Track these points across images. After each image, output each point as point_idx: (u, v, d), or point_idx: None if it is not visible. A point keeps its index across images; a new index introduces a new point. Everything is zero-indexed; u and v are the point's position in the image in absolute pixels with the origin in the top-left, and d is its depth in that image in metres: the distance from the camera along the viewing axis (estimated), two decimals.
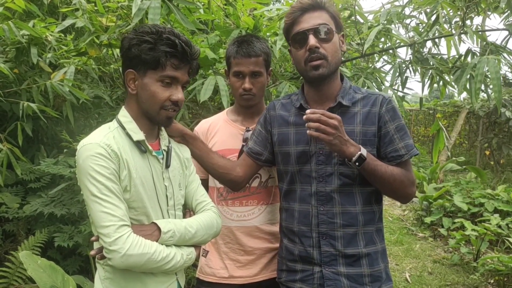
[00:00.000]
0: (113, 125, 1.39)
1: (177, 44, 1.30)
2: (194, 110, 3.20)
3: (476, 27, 2.92)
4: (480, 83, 2.10)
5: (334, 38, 1.59)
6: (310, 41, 1.56)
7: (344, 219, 1.62)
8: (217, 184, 1.92)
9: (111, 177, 1.27)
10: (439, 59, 2.80)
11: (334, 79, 1.66)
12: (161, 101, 1.34)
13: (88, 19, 2.65)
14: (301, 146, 1.68)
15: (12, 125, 2.80)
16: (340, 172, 1.61)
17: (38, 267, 1.80)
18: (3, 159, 2.57)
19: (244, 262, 1.92)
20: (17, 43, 2.80)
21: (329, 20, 1.59)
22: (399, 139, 1.60)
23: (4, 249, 2.99)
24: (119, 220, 1.25)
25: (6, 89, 2.82)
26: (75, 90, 2.70)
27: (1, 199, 2.89)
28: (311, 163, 1.66)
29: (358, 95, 1.67)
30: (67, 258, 2.99)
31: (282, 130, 1.75)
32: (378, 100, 1.63)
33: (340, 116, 1.54)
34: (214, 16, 2.79)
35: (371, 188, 1.63)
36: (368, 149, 1.56)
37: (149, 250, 1.26)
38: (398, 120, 1.62)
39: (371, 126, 1.61)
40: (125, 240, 1.23)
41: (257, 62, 1.84)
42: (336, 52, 1.60)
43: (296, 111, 1.73)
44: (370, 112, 1.62)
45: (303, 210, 1.68)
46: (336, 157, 1.60)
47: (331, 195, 1.62)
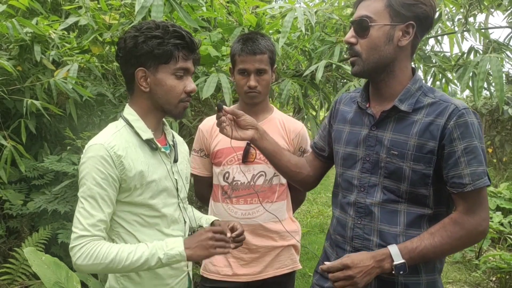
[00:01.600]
0: (120, 124, 1.39)
1: (184, 35, 1.33)
2: (197, 107, 3.21)
3: (479, 25, 2.92)
4: (482, 81, 2.10)
5: (374, 32, 1.35)
6: (347, 35, 1.40)
7: (381, 239, 1.40)
8: (222, 182, 1.93)
9: (101, 183, 1.28)
10: (441, 56, 2.80)
11: (392, 76, 1.41)
12: (179, 93, 1.36)
13: (91, 17, 2.66)
14: (350, 147, 1.51)
15: (16, 122, 2.82)
16: (385, 186, 1.41)
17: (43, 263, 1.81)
18: (7, 156, 2.59)
19: (248, 260, 1.93)
20: (20, 41, 2.81)
21: (380, 10, 1.34)
22: (466, 163, 1.30)
23: (8, 246, 3.01)
24: (82, 230, 1.26)
25: (9, 86, 2.83)
26: (78, 87, 2.71)
27: (5, 196, 2.91)
28: (356, 169, 1.48)
29: (426, 99, 1.39)
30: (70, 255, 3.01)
31: (339, 126, 1.59)
32: (448, 110, 1.33)
33: (395, 123, 1.40)
34: (216, 14, 2.80)
35: (423, 211, 1.38)
36: (421, 167, 1.34)
37: (104, 261, 1.25)
38: (470, 139, 1.30)
39: (429, 141, 1.33)
40: (77, 251, 1.26)
41: (262, 59, 1.83)
42: (374, 49, 1.36)
43: (356, 109, 1.54)
44: (433, 123, 1.34)
45: (342, 219, 1.53)
46: (383, 168, 1.40)
47: (371, 209, 1.43)
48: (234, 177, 1.90)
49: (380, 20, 1.34)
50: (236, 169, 1.90)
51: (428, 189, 1.37)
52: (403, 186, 1.38)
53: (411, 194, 1.38)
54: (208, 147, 1.97)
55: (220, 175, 1.93)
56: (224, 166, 1.91)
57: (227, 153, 1.90)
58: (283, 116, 2.02)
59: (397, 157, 1.37)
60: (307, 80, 2.89)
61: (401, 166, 1.37)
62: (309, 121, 2.80)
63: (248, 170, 1.90)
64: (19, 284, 2.72)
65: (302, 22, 2.39)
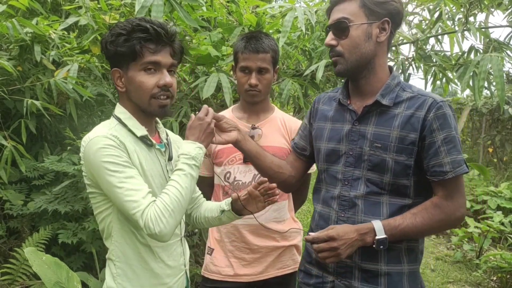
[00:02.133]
0: (113, 123, 1.38)
1: (148, 28, 1.27)
2: (197, 107, 3.20)
3: (479, 24, 2.92)
4: (483, 80, 2.10)
5: (353, 32, 1.42)
6: (327, 38, 1.48)
7: None
8: (222, 182, 1.92)
9: (126, 164, 1.27)
10: (442, 56, 2.80)
11: (372, 73, 1.49)
12: (149, 89, 1.31)
13: (91, 17, 2.66)
14: (333, 143, 1.57)
15: (16, 123, 2.82)
16: (368, 178, 1.47)
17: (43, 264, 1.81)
18: (7, 156, 2.58)
19: (249, 260, 1.92)
20: (20, 41, 2.81)
21: (356, 10, 1.43)
22: (446, 152, 1.39)
23: (8, 246, 3.01)
24: (139, 205, 1.24)
25: (9, 86, 2.83)
26: (78, 87, 2.71)
27: (6, 196, 2.91)
28: (339, 164, 1.54)
29: (405, 94, 1.47)
30: (71, 255, 3.01)
31: (320, 124, 1.65)
32: (427, 103, 1.42)
33: (376, 117, 1.47)
34: (216, 13, 2.80)
35: (404, 201, 1.45)
36: (403, 158, 1.42)
37: (172, 208, 1.26)
38: (448, 130, 1.40)
39: (411, 133, 1.41)
40: (149, 222, 1.23)
41: (265, 58, 1.83)
42: (355, 47, 1.44)
43: (336, 106, 1.61)
44: (414, 116, 1.42)
45: (324, 213, 1.58)
46: (366, 161, 1.47)
47: (355, 202, 1.48)
48: (235, 177, 1.90)
49: (357, 20, 1.43)
50: (237, 169, 1.90)
51: (409, 180, 1.44)
52: (386, 178, 1.44)
53: (393, 185, 1.44)
54: (209, 147, 1.96)
55: (221, 175, 1.93)
56: (225, 166, 1.91)
57: (228, 153, 1.90)
58: (284, 115, 2.02)
59: (381, 150, 1.44)
60: (307, 80, 2.89)
61: (385, 158, 1.43)
62: None
63: (249, 170, 1.89)
64: (19, 284, 2.72)
65: (303, 22, 2.39)
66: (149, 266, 1.38)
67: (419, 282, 1.54)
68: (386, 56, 1.53)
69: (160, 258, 1.40)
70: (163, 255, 1.41)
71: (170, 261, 1.43)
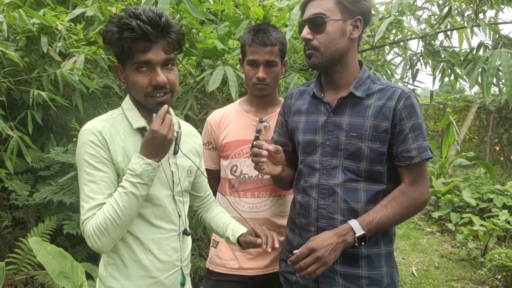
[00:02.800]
0: (117, 112, 1.40)
1: (134, 27, 1.22)
2: (203, 100, 3.20)
3: (489, 20, 2.88)
4: (492, 76, 2.08)
5: (329, 28, 1.50)
6: (303, 32, 1.54)
7: (345, 216, 1.54)
8: (229, 175, 1.92)
9: (98, 166, 1.29)
10: (450, 52, 2.76)
11: (344, 67, 1.58)
12: (143, 89, 1.29)
13: (98, 8, 2.66)
14: (309, 135, 1.63)
15: (22, 114, 2.83)
16: (345, 167, 1.55)
17: (47, 254, 1.82)
18: (13, 147, 2.60)
19: (254, 254, 1.92)
20: (27, 32, 2.81)
21: (331, 7, 1.50)
22: (413, 139, 1.49)
23: (13, 236, 3.03)
24: (83, 214, 1.29)
25: (16, 77, 2.83)
26: (84, 79, 2.71)
27: (11, 187, 2.92)
28: (316, 154, 1.61)
29: (375, 86, 1.57)
30: (75, 246, 3.03)
31: (295, 118, 1.70)
32: (396, 94, 1.52)
33: (351, 108, 1.55)
34: (223, 6, 2.78)
35: (379, 187, 1.55)
36: (377, 145, 1.51)
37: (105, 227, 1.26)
38: (416, 118, 1.50)
39: (383, 121, 1.51)
40: (85, 235, 1.30)
41: (272, 51, 1.81)
42: (331, 42, 1.51)
43: (310, 99, 1.68)
44: (385, 106, 1.51)
45: (304, 203, 1.63)
46: (343, 150, 1.54)
47: (334, 189, 1.55)
48: (242, 170, 1.89)
49: (333, 16, 1.50)
50: (244, 162, 1.89)
51: (383, 166, 1.54)
52: (362, 165, 1.53)
53: (369, 172, 1.53)
54: (216, 140, 1.96)
55: (227, 168, 1.92)
56: (232, 159, 1.90)
57: (235, 146, 1.89)
58: None
59: (356, 138, 1.52)
60: (313, 74, 2.87)
61: (360, 146, 1.52)
62: None
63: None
64: (24, 274, 2.74)
65: None
66: (137, 257, 1.37)
67: (393, 261, 1.64)
68: (357, 51, 1.63)
69: (149, 251, 1.38)
70: (153, 248, 1.39)
71: (161, 255, 1.41)
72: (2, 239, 2.96)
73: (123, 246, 1.37)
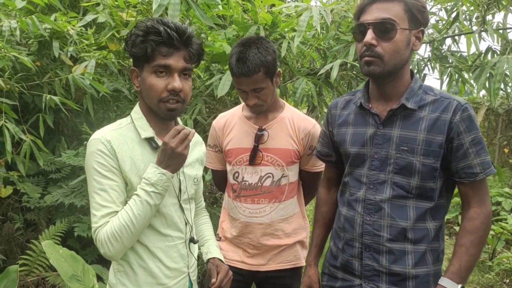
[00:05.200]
0: (126, 121, 1.42)
1: (161, 31, 1.27)
2: (211, 104, 3.23)
3: (497, 25, 2.89)
4: (499, 82, 2.08)
5: (398, 36, 1.38)
6: (367, 36, 1.40)
7: (391, 233, 1.46)
8: (231, 180, 1.95)
9: (107, 175, 1.31)
10: (458, 56, 2.77)
11: (399, 78, 1.47)
12: (158, 92, 1.32)
13: (109, 14, 2.70)
14: (356, 147, 1.55)
15: (34, 117, 2.88)
16: (394, 182, 1.46)
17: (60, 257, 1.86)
18: (26, 150, 2.64)
19: (252, 254, 1.97)
20: (39, 37, 2.86)
21: (401, 14, 1.38)
22: (475, 154, 1.39)
23: (25, 238, 3.08)
24: (96, 222, 1.31)
25: (28, 81, 2.88)
26: (95, 83, 2.76)
27: (23, 189, 2.97)
28: (364, 167, 1.53)
29: (428, 97, 1.46)
30: (86, 248, 3.07)
31: (341, 130, 1.62)
32: (451, 106, 1.41)
33: (401, 120, 1.46)
34: (232, 11, 2.81)
35: (430, 204, 1.45)
36: (430, 161, 1.41)
37: (120, 234, 1.29)
38: (475, 132, 1.40)
39: (437, 135, 1.41)
40: (98, 242, 1.31)
41: (256, 79, 1.73)
42: (397, 52, 1.40)
43: (357, 110, 1.59)
44: (439, 119, 1.41)
45: (349, 217, 1.56)
46: (393, 164, 1.46)
47: (380, 205, 1.47)
48: (243, 177, 1.91)
49: (402, 24, 1.39)
50: (244, 170, 1.91)
51: (435, 182, 1.44)
52: (413, 181, 1.44)
53: (420, 188, 1.44)
54: (221, 144, 1.99)
55: (230, 173, 1.96)
56: (234, 166, 1.92)
57: (236, 154, 1.91)
58: (293, 114, 1.96)
59: (408, 153, 1.43)
60: (321, 79, 2.89)
61: (412, 161, 1.43)
62: (323, 120, 2.80)
63: (255, 172, 1.90)
64: (36, 276, 2.79)
65: (318, 22, 2.39)
66: (147, 265, 1.40)
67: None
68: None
69: (158, 258, 1.41)
70: (162, 256, 1.41)
71: (170, 262, 1.43)
72: (14, 241, 3.01)
73: (132, 254, 1.39)
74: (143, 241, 1.39)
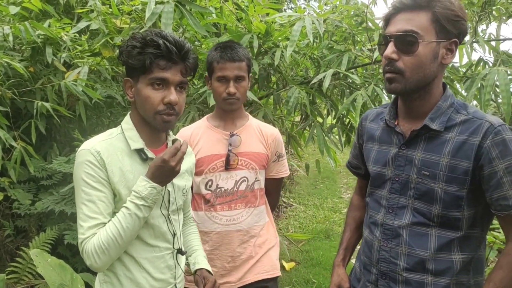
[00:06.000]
0: (116, 131, 1.41)
1: (161, 44, 1.28)
2: (205, 112, 3.23)
3: (489, 36, 2.91)
4: (489, 94, 2.10)
5: (421, 49, 1.26)
6: (387, 50, 1.30)
7: (409, 263, 1.35)
8: (203, 191, 1.92)
9: (96, 186, 1.30)
10: (450, 67, 2.79)
11: (427, 94, 1.34)
12: (154, 104, 1.32)
13: (103, 21, 2.70)
14: (378, 166, 1.47)
15: (26, 123, 2.87)
16: (415, 208, 1.35)
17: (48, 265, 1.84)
18: (17, 157, 2.63)
19: (229, 269, 1.94)
20: (33, 43, 2.86)
21: (426, 25, 1.26)
22: (510, 183, 1.24)
23: (15, 245, 3.05)
24: (82, 234, 1.30)
25: (21, 87, 2.87)
26: (88, 90, 2.75)
27: (14, 195, 2.95)
28: (384, 189, 1.44)
29: (459, 116, 1.32)
30: (76, 255, 3.04)
31: (368, 145, 1.54)
32: (482, 128, 1.26)
33: (426, 142, 1.34)
34: (225, 20, 2.82)
35: (456, 234, 1.31)
36: (453, 188, 1.28)
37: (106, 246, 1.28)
38: (510, 158, 1.23)
39: (463, 161, 1.27)
40: (84, 254, 1.30)
41: (241, 66, 1.84)
42: (420, 67, 1.28)
43: (384, 126, 1.48)
44: (467, 142, 1.27)
45: (369, 240, 1.48)
46: (413, 189, 1.35)
47: (398, 232, 1.37)
48: (218, 184, 1.91)
49: (427, 36, 1.26)
50: (219, 176, 1.90)
51: (461, 212, 1.30)
52: (435, 209, 1.32)
53: (443, 217, 1.31)
54: None
55: (201, 184, 1.92)
56: (206, 175, 1.91)
57: (209, 161, 1.90)
58: (258, 122, 2.05)
59: (429, 178, 1.32)
60: (314, 88, 2.90)
61: (433, 188, 1.31)
62: (316, 129, 2.81)
63: (231, 177, 1.91)
64: (25, 283, 2.76)
65: (311, 32, 2.40)
66: (133, 276, 1.39)
67: None
68: (442, 76, 1.39)
69: (145, 269, 1.40)
70: (148, 267, 1.41)
71: (156, 273, 1.43)
72: (4, 248, 2.98)
73: (119, 265, 1.38)
74: (130, 252, 1.38)
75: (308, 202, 6.80)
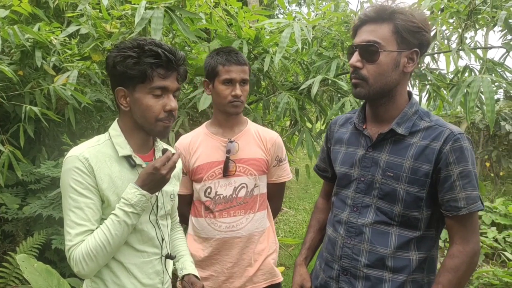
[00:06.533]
0: (104, 138, 1.42)
1: (160, 53, 1.30)
2: (194, 117, 3.24)
3: (475, 44, 2.96)
4: (473, 101, 2.13)
5: (383, 58, 1.36)
6: (352, 59, 1.41)
7: (369, 260, 1.44)
8: (203, 198, 1.93)
9: (84, 193, 1.30)
10: (437, 74, 2.83)
11: (391, 100, 1.44)
12: (156, 113, 1.34)
13: (93, 25, 2.70)
14: (345, 167, 1.55)
15: (15, 127, 2.85)
16: (378, 207, 1.44)
17: (34, 271, 1.83)
18: (4, 161, 2.61)
19: (228, 275, 1.94)
20: (22, 46, 2.85)
21: (388, 36, 1.36)
22: (461, 187, 1.34)
23: (2, 249, 3.03)
24: (70, 240, 1.30)
25: (10, 90, 2.86)
26: (77, 94, 2.74)
27: (2, 200, 2.93)
28: (350, 189, 1.52)
29: (422, 123, 1.42)
30: (64, 260, 3.02)
31: (336, 148, 1.63)
32: (443, 135, 1.37)
33: (391, 145, 1.44)
34: (215, 25, 2.83)
35: (414, 234, 1.41)
36: (415, 189, 1.38)
37: (95, 253, 1.29)
38: (465, 164, 1.34)
39: (424, 164, 1.37)
40: (71, 261, 1.31)
41: (245, 70, 1.89)
42: (382, 74, 1.38)
43: (352, 129, 1.58)
44: (428, 147, 1.37)
45: (332, 238, 1.57)
46: (377, 189, 1.44)
47: (362, 229, 1.46)
48: (217, 191, 1.91)
49: (388, 46, 1.36)
50: (217, 184, 1.91)
51: (420, 212, 1.40)
52: (397, 208, 1.41)
53: (404, 216, 1.41)
54: (187, 164, 1.95)
55: (201, 191, 1.93)
56: (205, 182, 1.91)
57: (208, 168, 1.91)
58: (257, 127, 2.05)
59: (392, 179, 1.41)
60: (303, 94, 2.93)
61: (396, 188, 1.40)
62: (305, 134, 2.83)
63: (229, 184, 1.91)
64: None
65: (299, 38, 2.43)
66: (121, 282, 1.39)
67: None
68: (407, 84, 1.49)
69: (133, 274, 1.41)
70: (136, 272, 1.41)
71: (144, 279, 1.43)
72: None
73: (107, 271, 1.38)
74: (118, 258, 1.39)
75: (299, 207, 6.82)
